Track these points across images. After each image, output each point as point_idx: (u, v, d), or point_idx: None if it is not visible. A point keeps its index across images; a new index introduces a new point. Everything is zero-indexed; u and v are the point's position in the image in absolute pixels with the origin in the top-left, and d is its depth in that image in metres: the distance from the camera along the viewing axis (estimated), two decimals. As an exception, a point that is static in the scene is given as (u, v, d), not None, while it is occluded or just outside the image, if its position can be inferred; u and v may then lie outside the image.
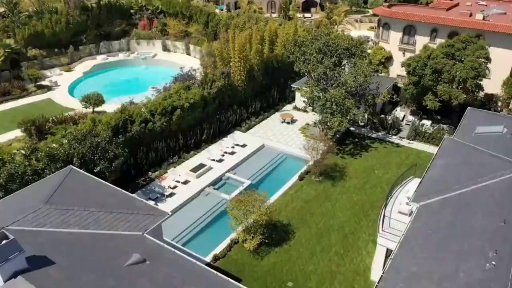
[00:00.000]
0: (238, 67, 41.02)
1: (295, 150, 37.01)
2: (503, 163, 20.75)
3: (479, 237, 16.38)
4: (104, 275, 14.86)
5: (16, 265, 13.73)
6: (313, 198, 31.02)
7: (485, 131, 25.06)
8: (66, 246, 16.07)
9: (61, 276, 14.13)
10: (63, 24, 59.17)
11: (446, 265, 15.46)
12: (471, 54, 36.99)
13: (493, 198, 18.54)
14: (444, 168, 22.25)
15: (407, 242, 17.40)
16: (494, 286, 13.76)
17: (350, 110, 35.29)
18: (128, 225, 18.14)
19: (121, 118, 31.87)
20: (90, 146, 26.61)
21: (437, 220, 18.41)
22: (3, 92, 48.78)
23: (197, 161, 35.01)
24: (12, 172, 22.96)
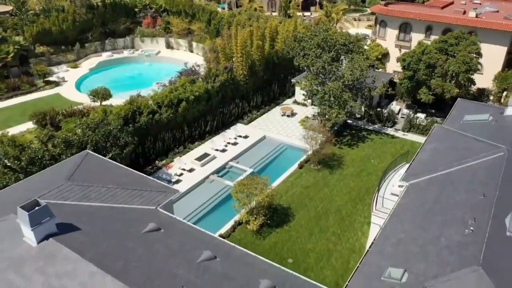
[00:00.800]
0: (240, 62, 42.79)
1: (295, 141, 38.78)
2: (486, 147, 22.54)
3: (460, 209, 18.13)
4: (124, 240, 16.61)
5: (48, 229, 15.48)
6: (312, 184, 32.80)
7: (472, 119, 26.84)
8: (87, 216, 17.80)
9: (86, 240, 15.87)
10: (70, 22, 60.85)
11: (430, 232, 17.23)
12: (463, 50, 38.78)
13: (476, 176, 20.31)
14: (433, 151, 24.03)
15: (396, 215, 19.18)
16: (471, 247, 15.53)
17: (347, 102, 37.05)
18: (143, 200, 19.91)
19: (130, 109, 33.62)
20: (103, 133, 28.37)
21: (424, 196, 20.19)
22: (13, 87, 50.41)
23: (201, 151, 36.78)
24: (32, 156, 24.71)
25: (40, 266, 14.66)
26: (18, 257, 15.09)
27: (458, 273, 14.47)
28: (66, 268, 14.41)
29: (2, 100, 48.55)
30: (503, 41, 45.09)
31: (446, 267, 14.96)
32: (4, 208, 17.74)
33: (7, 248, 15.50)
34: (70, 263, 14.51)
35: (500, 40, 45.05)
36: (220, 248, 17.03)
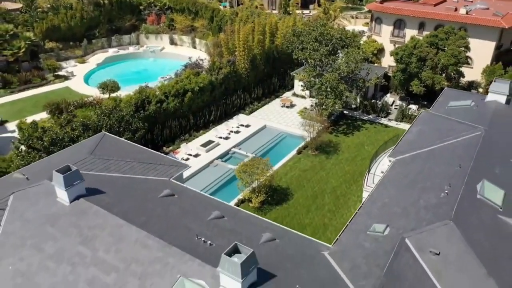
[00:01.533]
0: (242, 56, 45.19)
1: (294, 129, 41.19)
2: (467, 127, 24.96)
3: (439, 178, 20.50)
4: (143, 202, 18.99)
5: (78, 190, 17.88)
6: (310, 168, 35.21)
7: (456, 105, 29.23)
8: (110, 184, 20.17)
9: (111, 201, 18.24)
10: (78, 19, 63.33)
11: (411, 197, 19.63)
12: (452, 43, 41.19)
13: (455, 152, 22.70)
14: (418, 133, 26.43)
15: (382, 184, 21.60)
16: (445, 207, 17.91)
17: (343, 93, 39.45)
18: (157, 172, 22.30)
19: (139, 98, 36.02)
20: (116, 118, 30.80)
21: (408, 169, 22.59)
22: (24, 80, 52.80)
23: (206, 138, 39.20)
24: (53, 137, 27.11)
25: (74, 220, 17.06)
26: (54, 214, 17.50)
27: (432, 226, 16.87)
28: (96, 221, 16.81)
29: (15, 92, 50.93)
30: (491, 36, 47.46)
31: (422, 222, 17.36)
32: (37, 177, 20.13)
33: (43, 207, 17.90)
34: (99, 218, 16.92)
35: (489, 35, 47.42)
36: (227, 210, 19.43)
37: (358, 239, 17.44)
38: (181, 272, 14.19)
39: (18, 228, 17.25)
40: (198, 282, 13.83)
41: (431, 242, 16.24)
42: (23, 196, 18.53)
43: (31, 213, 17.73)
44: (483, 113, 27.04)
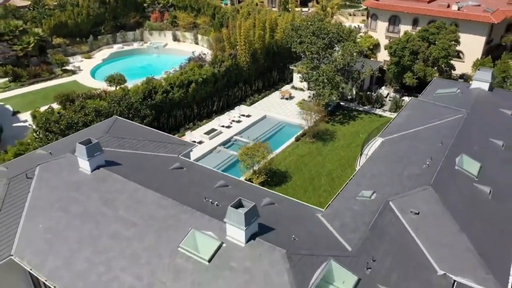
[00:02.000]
0: (243, 50, 47.35)
1: (293, 119, 43.33)
2: (451, 111, 27.11)
3: (423, 153, 22.62)
4: (156, 173, 21.13)
5: (98, 161, 20.02)
6: (307, 153, 37.38)
7: (443, 92, 31.40)
8: (124, 158, 22.25)
9: (127, 171, 20.37)
10: (84, 16, 65.48)
11: (397, 169, 21.76)
12: (443, 37, 43.34)
13: (438, 132, 24.84)
14: (407, 116, 28.58)
15: (372, 159, 23.76)
16: (426, 176, 20.05)
17: (339, 84, 41.60)
18: (167, 150, 24.43)
19: (147, 88, 38.18)
20: (126, 105, 32.96)
21: (395, 147, 24.75)
22: (34, 74, 54.94)
23: (209, 127, 41.37)
24: (69, 122, 29.27)
25: (95, 187, 19.23)
26: (77, 181, 19.65)
27: (413, 190, 19.03)
28: (115, 187, 18.97)
29: (25, 86, 53.05)
30: (482, 31, 49.63)
31: (405, 188, 19.50)
32: (58, 153, 22.26)
33: (67, 176, 20.06)
34: (118, 184, 19.07)
35: (479, 30, 49.61)
36: (231, 181, 21.59)
37: (348, 204, 19.59)
38: (192, 226, 16.33)
39: (45, 194, 19.41)
40: (207, 233, 15.97)
41: (412, 204, 18.40)
42: (48, 167, 20.69)
43: (56, 181, 19.89)
44: (467, 98, 29.22)
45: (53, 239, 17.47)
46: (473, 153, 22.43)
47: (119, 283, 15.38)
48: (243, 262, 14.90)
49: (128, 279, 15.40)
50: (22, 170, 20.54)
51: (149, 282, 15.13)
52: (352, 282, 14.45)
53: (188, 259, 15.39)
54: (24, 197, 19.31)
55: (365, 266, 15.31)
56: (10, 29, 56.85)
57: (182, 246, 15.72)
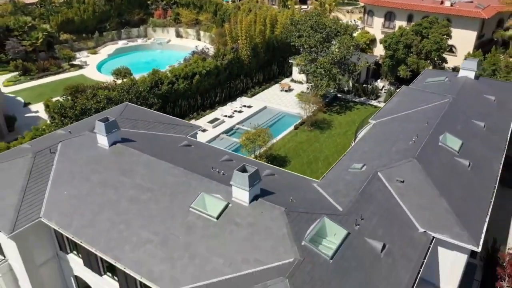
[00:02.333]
0: (244, 44, 49.47)
1: (292, 110, 45.46)
2: (438, 96, 29.21)
3: (410, 132, 24.68)
4: (167, 149, 23.22)
5: (115, 137, 22.09)
6: (305, 140, 39.51)
7: (432, 81, 33.51)
8: (138, 137, 24.31)
9: (141, 146, 22.46)
10: (90, 13, 67.62)
11: (386, 146, 23.83)
12: (435, 31, 45.46)
13: (425, 114, 26.90)
14: (398, 102, 30.68)
15: (364, 139, 25.88)
16: (411, 150, 22.14)
17: (336, 76, 43.72)
18: (175, 131, 26.53)
19: (153, 79, 40.30)
20: (135, 93, 35.09)
21: (385, 128, 26.83)
22: (42, 68, 57.08)
23: (212, 116, 43.50)
24: (83, 107, 31.38)
25: (113, 159, 21.33)
26: (96, 155, 21.76)
27: (399, 162, 21.13)
28: (131, 159, 21.06)
29: (34, 79, 55.13)
30: (473, 26, 51.80)
31: (392, 161, 21.61)
32: (78, 131, 24.36)
33: (87, 150, 22.16)
34: (134, 156, 21.17)
35: (471, 25, 51.78)
36: (235, 157, 23.70)
37: (340, 175, 21.68)
38: (202, 190, 18.41)
39: (67, 166, 21.51)
40: (215, 195, 18.08)
41: (398, 174, 20.50)
42: (69, 143, 22.80)
43: (77, 155, 22.00)
44: (454, 86, 31.32)
45: (77, 203, 19.57)
46: (456, 132, 24.52)
47: (138, 237, 17.48)
48: (247, 219, 17.00)
49: (145, 235, 17.50)
50: (46, 147, 22.64)
51: (164, 236, 17.24)
52: (342, 235, 16.54)
53: (198, 217, 17.50)
54: (49, 169, 21.41)
55: (354, 223, 17.40)
56: (19, 25, 58.95)
57: (193, 206, 17.83)
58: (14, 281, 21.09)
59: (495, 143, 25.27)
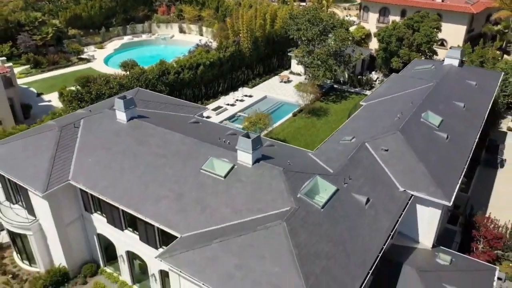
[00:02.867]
0: (245, 37, 52.20)
1: (290, 99, 48.20)
2: (423, 81, 31.97)
3: (396, 111, 27.43)
4: (178, 125, 25.86)
5: (132, 113, 24.82)
6: (303, 126, 42.26)
7: (420, 68, 36.26)
8: (151, 115, 27.05)
9: (155, 122, 25.17)
10: (97, 9, 70.35)
11: (374, 124, 26.53)
12: (426, 25, 48.22)
13: (411, 96, 29.62)
14: (386, 87, 33.44)
15: (354, 118, 28.65)
16: (396, 125, 24.87)
17: (332, 67, 46.47)
18: (184, 111, 29.23)
19: (161, 69, 43.03)
20: (144, 81, 37.78)
21: (374, 109, 29.59)
22: (52, 62, 59.78)
23: (215, 105, 46.23)
24: (98, 92, 34.10)
25: (131, 132, 24.07)
26: (116, 129, 24.48)
27: (384, 135, 23.87)
28: (147, 132, 23.80)
29: (45, 72, 57.81)
30: (463, 21, 54.55)
31: (378, 134, 24.34)
32: (95, 110, 27.08)
33: (107, 125, 24.89)
34: (150, 129, 23.91)
35: (461, 20, 54.53)
36: (239, 132, 26.42)
37: (332, 146, 24.43)
38: (211, 155, 21.14)
39: (90, 138, 24.24)
40: (223, 159, 20.81)
41: (383, 144, 23.24)
42: (91, 119, 25.53)
43: (98, 129, 24.73)
44: (439, 72, 34.08)
45: (100, 169, 22.30)
46: (438, 111, 27.26)
47: (156, 195, 20.20)
48: (250, 177, 19.74)
49: (162, 192, 20.22)
50: (69, 123, 25.35)
51: (179, 193, 19.96)
52: (332, 190, 19.27)
53: (208, 177, 20.23)
54: (74, 140, 24.12)
55: (342, 182, 20.12)
56: (30, 20, 61.65)
57: (204, 168, 20.57)
58: (43, 239, 23.81)
59: (473, 120, 28.05)
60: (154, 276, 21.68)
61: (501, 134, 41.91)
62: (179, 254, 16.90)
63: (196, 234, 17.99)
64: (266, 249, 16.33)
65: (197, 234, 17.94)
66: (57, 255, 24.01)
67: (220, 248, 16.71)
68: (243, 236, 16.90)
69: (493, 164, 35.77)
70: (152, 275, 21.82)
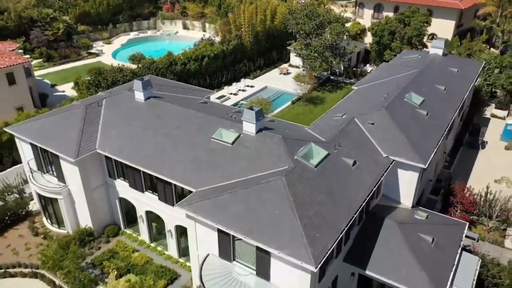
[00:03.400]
0: (247, 32, 55.52)
1: (290, 89, 51.52)
2: (409, 68, 35.27)
3: (383, 93, 30.71)
4: (189, 105, 29.06)
5: (149, 93, 28.09)
6: (301, 112, 45.57)
7: (408, 57, 39.59)
8: (165, 96, 30.35)
9: (169, 101, 28.43)
10: (104, 6, 73.70)
11: (364, 104, 29.77)
12: (416, 19, 51.52)
13: (397, 81, 32.92)
14: (377, 74, 36.77)
15: (345, 99, 31.93)
16: (383, 103, 28.16)
17: (328, 58, 49.79)
18: (193, 94, 32.50)
19: (169, 60, 46.34)
20: (154, 70, 41.06)
21: (364, 92, 32.89)
22: (64, 56, 63.14)
23: (219, 94, 49.52)
24: (113, 79, 37.39)
25: (148, 109, 27.37)
26: (135, 106, 27.78)
27: (372, 111, 27.17)
28: (163, 108, 27.10)
29: (57, 65, 61.17)
30: (452, 16, 57.88)
31: (366, 111, 27.64)
32: (114, 92, 30.36)
33: (127, 104, 28.17)
34: (165, 107, 27.21)
35: (450, 15, 57.86)
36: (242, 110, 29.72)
37: (326, 121, 27.73)
38: (219, 127, 24.43)
39: (113, 115, 27.52)
40: (230, 129, 24.10)
41: (370, 119, 26.53)
42: (111, 99, 28.83)
43: (119, 107, 28.02)
44: (424, 61, 37.40)
45: (123, 140, 25.58)
46: (420, 92, 30.53)
47: (173, 159, 23.47)
48: (254, 144, 23.04)
49: (178, 157, 23.49)
50: (93, 102, 28.65)
51: (193, 157, 23.25)
52: (324, 154, 22.51)
53: (218, 143, 23.52)
54: (98, 116, 27.40)
55: (333, 148, 23.40)
56: (42, 16, 64.96)
57: (214, 137, 23.86)
58: (71, 203, 27.10)
59: (452, 101, 31.36)
60: (170, 231, 24.99)
61: (485, 120, 45.22)
62: (195, 203, 20.20)
63: (209, 188, 21.28)
64: (268, 197, 19.62)
65: (209, 189, 21.23)
66: (83, 217, 27.30)
67: (230, 197, 20.01)
68: (249, 188, 20.20)
69: (475, 146, 39.06)
70: (168, 231, 25.12)
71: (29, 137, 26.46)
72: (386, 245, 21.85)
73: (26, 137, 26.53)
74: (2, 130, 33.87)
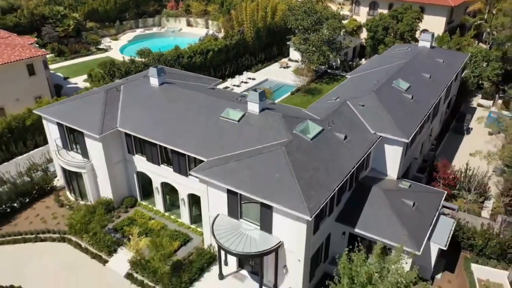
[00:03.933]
0: (249, 27, 58.73)
1: (289, 81, 54.73)
2: (398, 59, 38.51)
3: (373, 80, 33.95)
4: (198, 90, 32.29)
5: (163, 79, 31.31)
6: (300, 102, 48.74)
7: (398, 50, 42.83)
8: (177, 83, 33.53)
9: (181, 87, 31.62)
10: (112, 4, 76.90)
11: (356, 90, 33.01)
12: (408, 16, 54.77)
13: (387, 70, 36.17)
14: (369, 64, 40.00)
15: (340, 85, 35.16)
16: (372, 88, 31.38)
17: (325, 52, 53.02)
18: (201, 83, 35.68)
19: (176, 53, 49.56)
20: (163, 62, 44.27)
21: (357, 80, 36.14)
22: (74, 51, 66.33)
23: (223, 86, 52.68)
24: (127, 70, 40.61)
25: (163, 93, 30.59)
26: (151, 91, 30.98)
27: (362, 94, 30.41)
28: (176, 93, 30.32)
29: (68, 60, 64.31)
30: (443, 13, 61.02)
31: (359, 94, 30.87)
32: (132, 78, 33.57)
33: (143, 89, 31.38)
34: (177, 92, 30.43)
35: (441, 12, 61.01)
36: (247, 96, 32.98)
37: (321, 104, 30.99)
38: (227, 107, 27.65)
39: (131, 98, 30.72)
40: (237, 109, 27.32)
41: (360, 101, 29.78)
42: (129, 85, 32.04)
43: (136, 92, 31.23)
44: (412, 52, 40.66)
45: (141, 120, 28.79)
46: (407, 80, 33.77)
47: (186, 136, 26.67)
48: (258, 121, 26.27)
49: (191, 133, 26.71)
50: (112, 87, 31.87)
51: (204, 133, 26.48)
52: (318, 129, 25.71)
53: (226, 122, 26.75)
54: (117, 100, 30.61)
55: (327, 125, 26.63)
56: (53, 13, 68.13)
57: (222, 116, 27.08)
58: (94, 177, 30.33)
59: (435, 88, 34.61)
60: (183, 200, 28.23)
61: (471, 109, 48.48)
62: (207, 169, 23.46)
63: (218, 158, 24.51)
64: (270, 164, 22.86)
65: (219, 158, 24.46)
66: (104, 190, 30.54)
67: (237, 164, 23.25)
68: (253, 157, 23.45)
69: (460, 131, 42.34)
70: (181, 200, 28.36)
71: (57, 117, 29.67)
72: (373, 208, 25.08)
73: (54, 118, 29.74)
74: (26, 115, 37.26)
